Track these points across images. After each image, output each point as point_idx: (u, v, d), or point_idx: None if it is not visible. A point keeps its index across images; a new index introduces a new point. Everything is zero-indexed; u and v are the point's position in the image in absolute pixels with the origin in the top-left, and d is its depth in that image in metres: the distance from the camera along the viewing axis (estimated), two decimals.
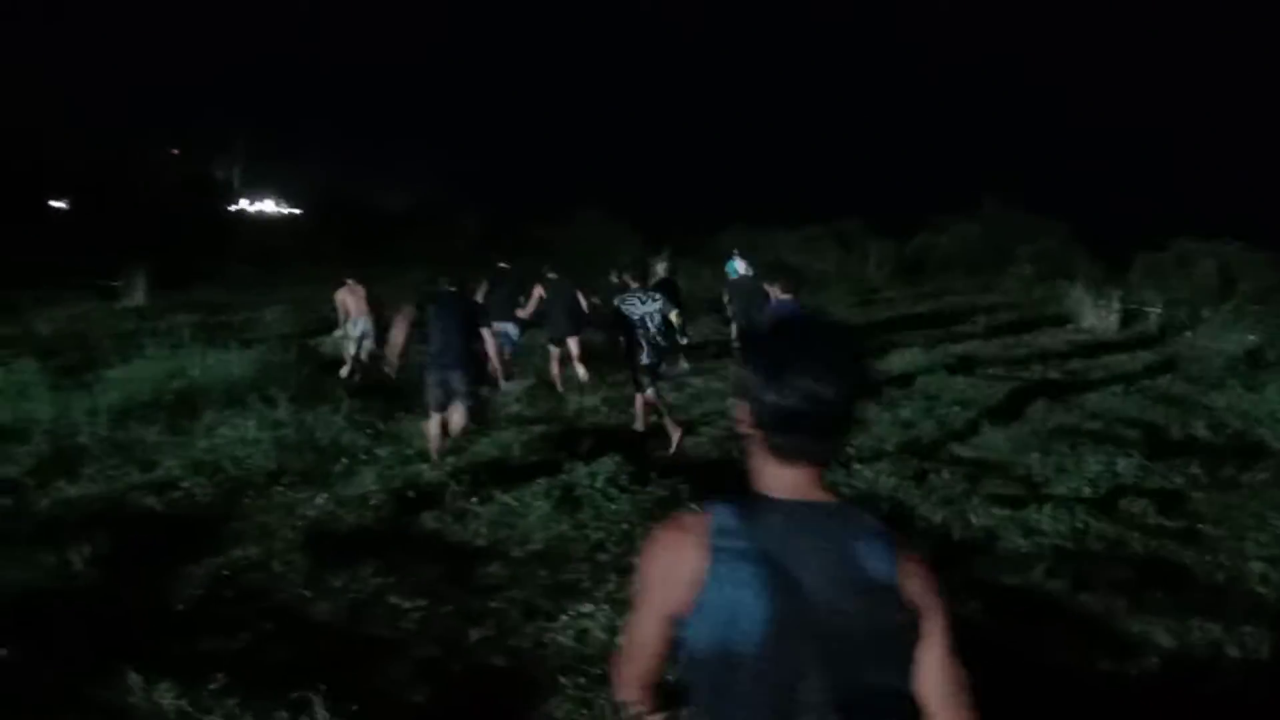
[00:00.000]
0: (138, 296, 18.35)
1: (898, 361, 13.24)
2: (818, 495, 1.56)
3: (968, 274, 33.07)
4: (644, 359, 8.46)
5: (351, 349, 11.13)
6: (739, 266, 15.74)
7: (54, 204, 40.88)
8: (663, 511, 6.03)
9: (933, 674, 1.49)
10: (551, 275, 11.26)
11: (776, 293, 8.14)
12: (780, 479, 1.58)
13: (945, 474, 7.09)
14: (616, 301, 8.70)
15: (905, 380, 12.04)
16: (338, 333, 11.66)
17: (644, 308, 8.49)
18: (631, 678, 1.65)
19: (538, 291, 11.46)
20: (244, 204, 55.39)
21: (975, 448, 8.45)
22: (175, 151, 47.06)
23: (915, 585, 1.48)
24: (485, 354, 7.92)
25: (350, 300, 11.21)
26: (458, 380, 7.48)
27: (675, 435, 8.29)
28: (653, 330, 8.45)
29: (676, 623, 1.53)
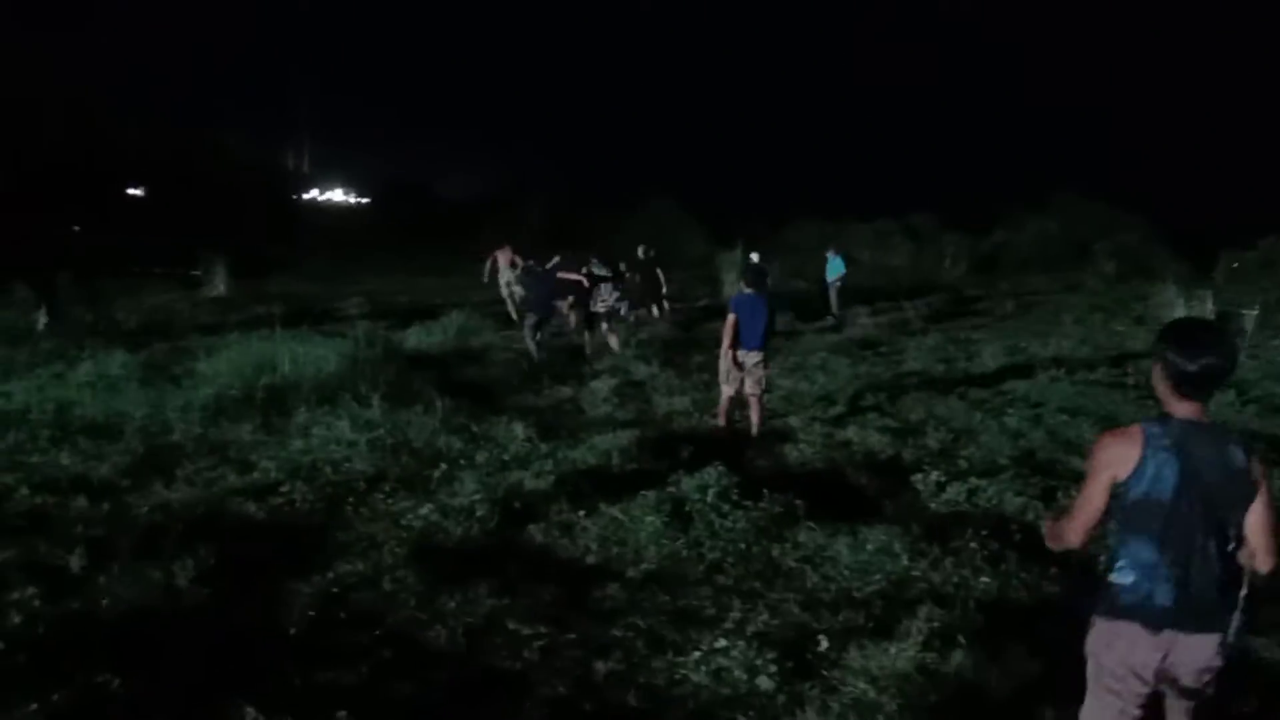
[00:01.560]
0: (219, 286, 18.47)
1: (992, 364, 12.78)
2: (1203, 418, 2.66)
3: (1045, 270, 32.21)
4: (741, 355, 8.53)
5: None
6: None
7: (131, 191, 41.57)
8: (778, 529, 5.74)
9: (1259, 517, 2.62)
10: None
11: (742, 287, 8.93)
12: (1182, 409, 2.66)
13: (1074, 492, 6.67)
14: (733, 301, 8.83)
15: (1001, 382, 11.60)
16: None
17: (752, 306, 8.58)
18: (1080, 526, 2.77)
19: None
20: (314, 193, 56.02)
21: None
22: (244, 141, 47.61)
23: (1256, 470, 2.63)
24: None
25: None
26: None
27: (755, 419, 8.71)
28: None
29: (1116, 487, 2.67)
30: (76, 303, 14.79)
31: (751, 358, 8.52)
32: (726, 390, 8.70)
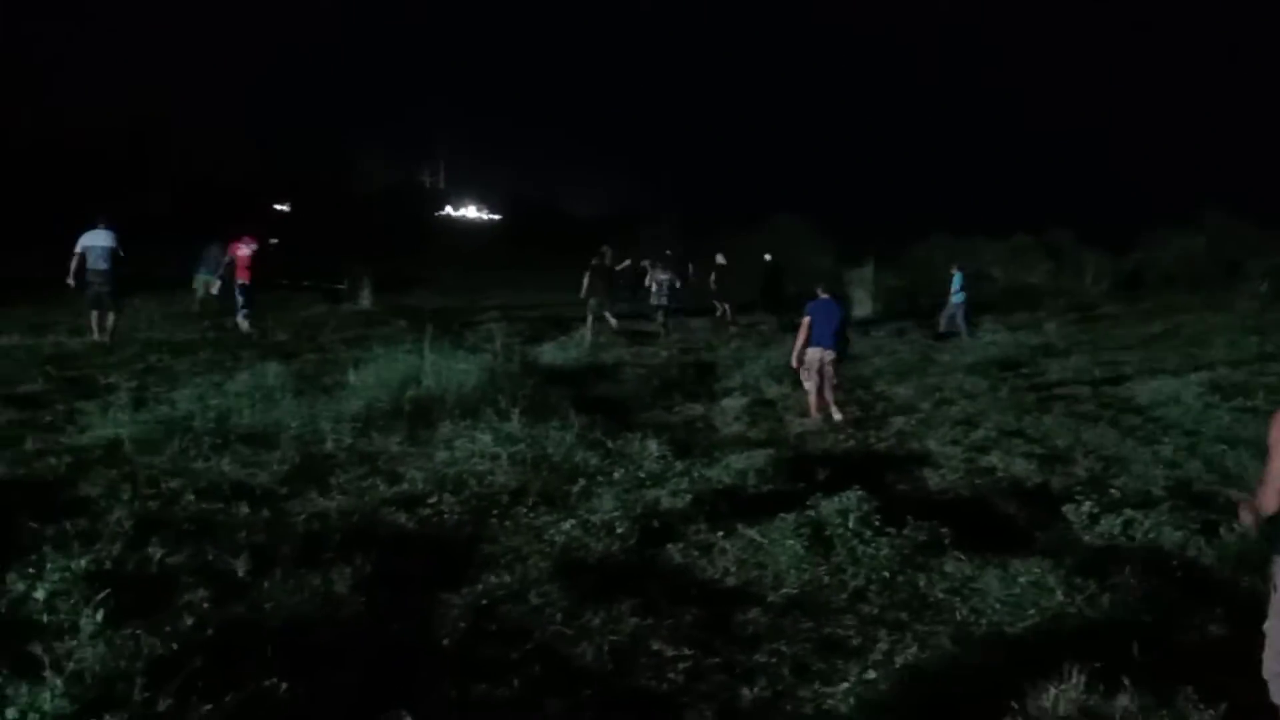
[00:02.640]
0: (364, 300, 19.17)
1: (1141, 389, 12.25)
2: None
3: (1191, 290, 30.67)
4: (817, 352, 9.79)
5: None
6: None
7: (277, 207, 43.62)
8: (923, 558, 5.62)
9: None
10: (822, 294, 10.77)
11: (819, 292, 10.38)
12: None
13: (1237, 528, 6.34)
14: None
15: (1151, 407, 11.12)
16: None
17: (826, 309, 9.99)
18: (1275, 493, 3.38)
19: None
20: (448, 209, 57.64)
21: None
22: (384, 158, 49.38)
23: None
24: None
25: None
26: None
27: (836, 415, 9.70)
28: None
29: None
30: (231, 315, 15.59)
31: (827, 355, 9.65)
32: (809, 387, 9.78)
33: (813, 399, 9.73)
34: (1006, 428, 9.65)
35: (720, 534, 6.02)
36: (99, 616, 4.11)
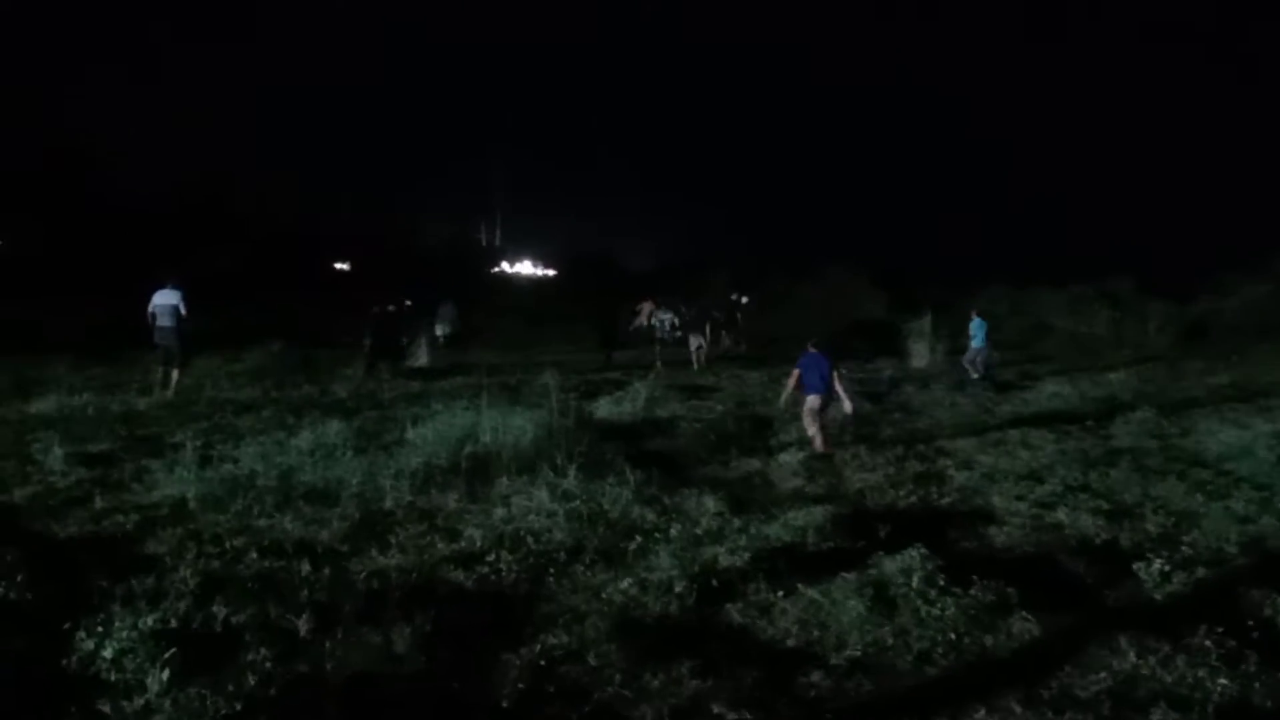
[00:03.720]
0: (422, 357, 19.43)
1: (1210, 441, 11.90)
2: None
3: (1260, 338, 29.91)
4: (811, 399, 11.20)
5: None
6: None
7: (338, 266, 44.57)
8: (990, 618, 5.50)
9: None
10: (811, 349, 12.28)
11: (809, 347, 11.67)
12: None
13: None
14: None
15: (1222, 462, 10.81)
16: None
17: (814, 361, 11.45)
18: None
19: None
20: (504, 265, 58.42)
21: None
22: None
23: None
24: None
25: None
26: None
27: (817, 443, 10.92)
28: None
29: None
30: (297, 372, 15.92)
31: (816, 401, 11.08)
32: (810, 429, 11.11)
33: (819, 438, 11.01)
34: (1072, 482, 9.44)
35: (780, 593, 5.95)
36: (165, 675, 4.17)
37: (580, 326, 27.87)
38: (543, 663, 4.90)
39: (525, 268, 62.09)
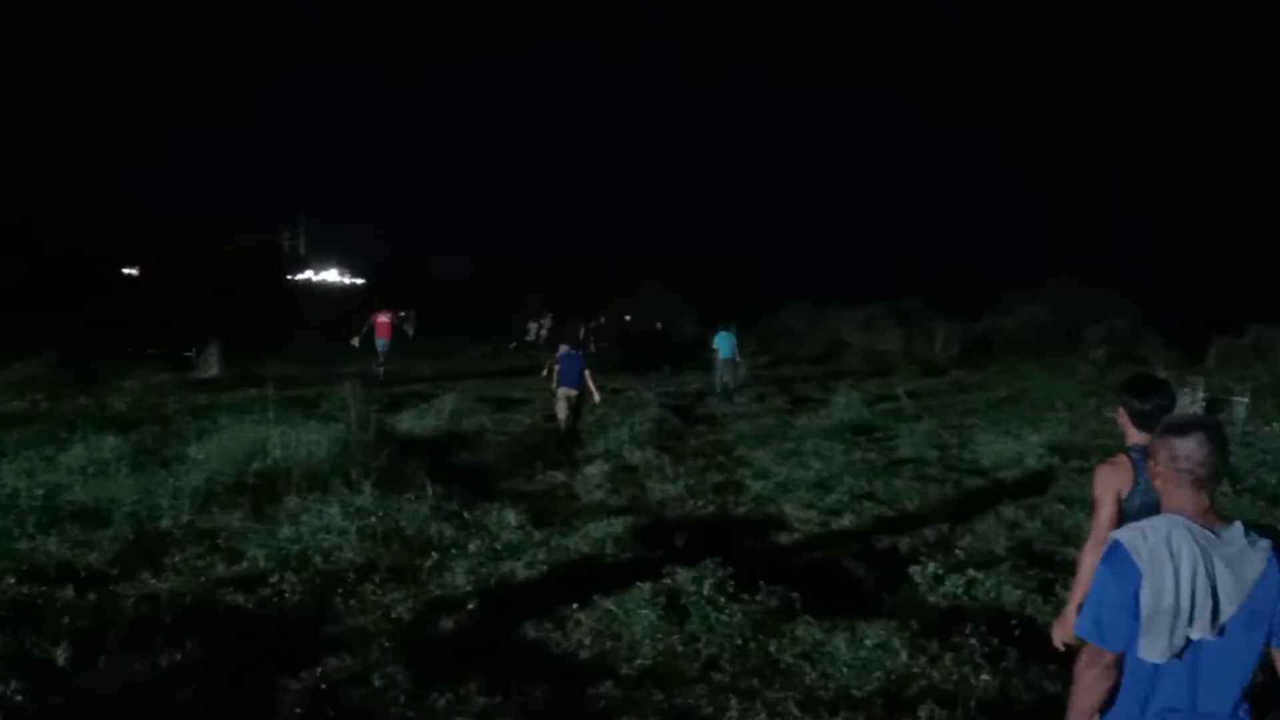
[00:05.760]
0: (212, 368, 18.43)
1: (986, 453, 12.73)
2: None
3: (1036, 355, 32.33)
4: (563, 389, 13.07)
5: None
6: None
7: (126, 271, 41.83)
8: (775, 623, 5.66)
9: None
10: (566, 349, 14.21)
11: (564, 347, 13.91)
12: (1140, 438, 3.50)
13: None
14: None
15: (995, 470, 11.57)
16: None
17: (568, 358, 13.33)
18: (1104, 527, 3.43)
19: None
20: (308, 274, 56.34)
21: None
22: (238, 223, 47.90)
23: None
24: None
25: None
26: None
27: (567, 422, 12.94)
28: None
29: (1119, 500, 3.48)
30: (69, 384, 14.79)
31: (570, 392, 12.82)
32: (561, 413, 12.94)
33: (562, 417, 12.91)
34: (858, 491, 9.88)
35: (575, 605, 5.94)
36: None
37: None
38: (323, 687, 4.70)
39: (332, 275, 60.08)
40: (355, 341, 21.00)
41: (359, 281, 56.26)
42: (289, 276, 49.66)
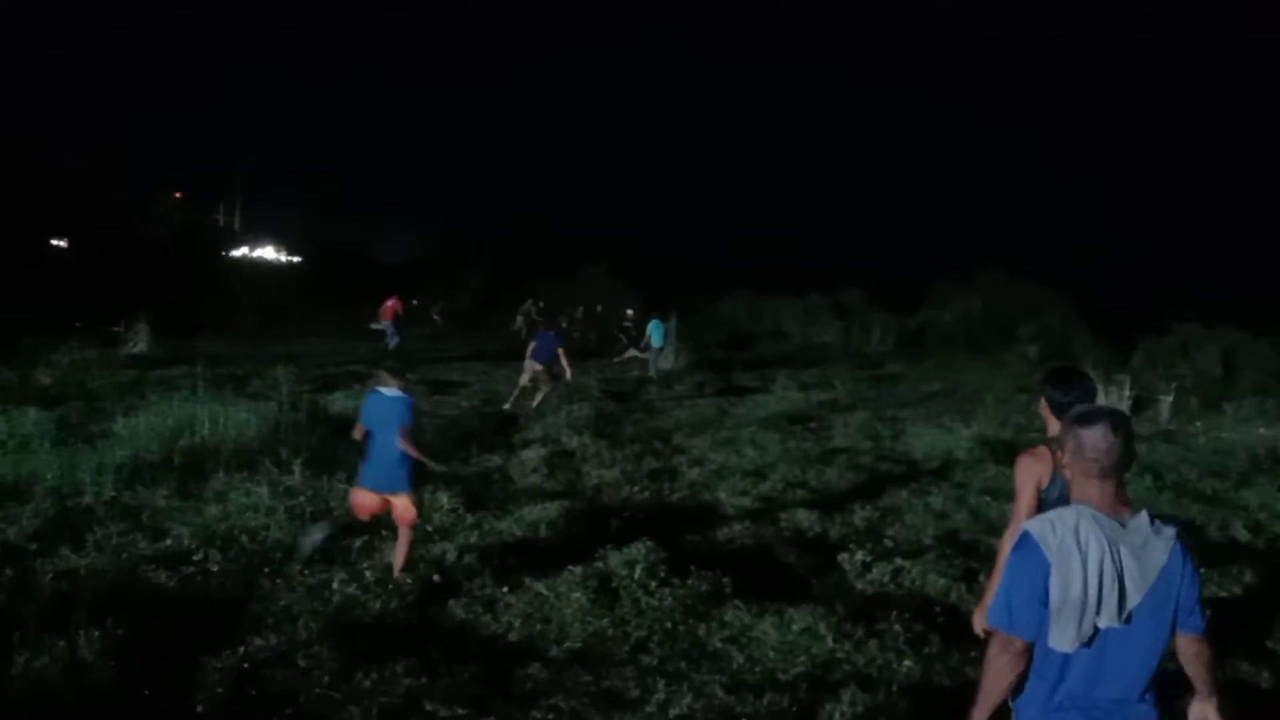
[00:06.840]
0: (140, 344, 17.98)
1: (918, 444, 12.93)
2: None
3: (969, 349, 32.86)
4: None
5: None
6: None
7: (55, 243, 40.61)
8: (705, 607, 5.71)
9: None
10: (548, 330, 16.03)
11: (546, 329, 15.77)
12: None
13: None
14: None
15: (926, 461, 11.77)
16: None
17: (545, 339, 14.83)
18: (1023, 515, 3.43)
19: None
20: (244, 250, 55.24)
21: None
22: (178, 195, 46.72)
23: None
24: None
25: None
26: None
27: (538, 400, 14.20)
28: None
29: (1039, 489, 3.54)
30: None
31: (537, 365, 14.15)
32: (522, 381, 14.27)
33: (521, 384, 14.27)
34: (792, 479, 9.98)
35: (506, 588, 5.93)
36: None
37: (324, 317, 26.93)
38: (246, 666, 4.64)
39: (268, 253, 58.94)
40: (376, 326, 23.50)
41: (295, 260, 55.33)
42: (224, 253, 48.60)
